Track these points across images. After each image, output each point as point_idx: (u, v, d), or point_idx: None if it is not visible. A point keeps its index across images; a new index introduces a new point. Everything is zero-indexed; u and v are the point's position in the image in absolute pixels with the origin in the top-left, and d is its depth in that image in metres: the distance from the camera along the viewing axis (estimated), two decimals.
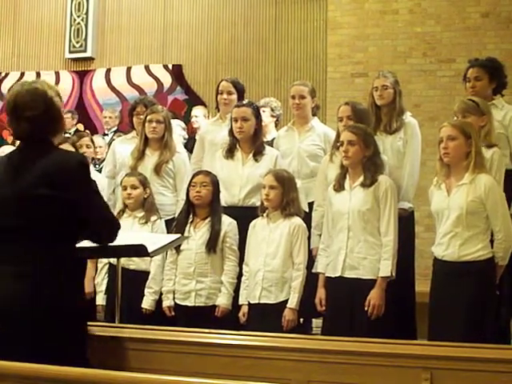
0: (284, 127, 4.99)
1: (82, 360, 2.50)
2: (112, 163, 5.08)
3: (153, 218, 4.35)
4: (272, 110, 5.58)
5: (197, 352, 2.84)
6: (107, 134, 7.61)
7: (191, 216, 4.22)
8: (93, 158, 5.52)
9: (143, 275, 4.26)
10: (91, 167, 5.15)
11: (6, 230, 2.58)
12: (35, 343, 2.46)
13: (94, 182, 2.70)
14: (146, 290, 4.24)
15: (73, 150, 4.62)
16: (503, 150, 4.05)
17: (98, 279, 4.43)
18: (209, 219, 4.16)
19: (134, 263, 4.24)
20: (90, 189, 2.64)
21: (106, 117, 7.90)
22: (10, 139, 8.74)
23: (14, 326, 2.48)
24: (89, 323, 2.75)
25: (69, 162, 2.61)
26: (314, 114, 4.81)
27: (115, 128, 7.73)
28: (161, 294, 4.22)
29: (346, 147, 3.84)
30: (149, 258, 4.17)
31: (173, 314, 4.14)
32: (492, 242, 3.56)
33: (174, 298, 4.16)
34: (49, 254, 2.55)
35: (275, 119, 5.63)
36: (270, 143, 4.88)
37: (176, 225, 4.25)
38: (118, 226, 2.79)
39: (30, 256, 2.53)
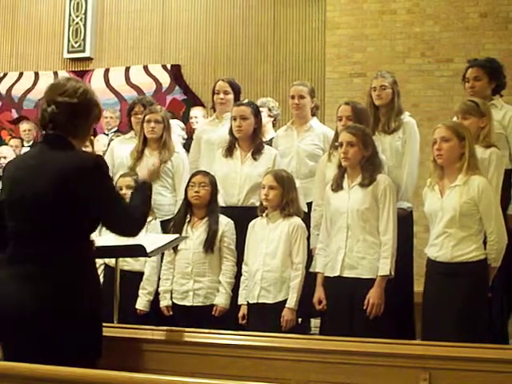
0: (283, 127, 5.00)
1: (91, 360, 2.50)
2: (110, 163, 5.04)
3: (148, 219, 4.33)
4: (269, 109, 5.58)
5: (195, 352, 2.85)
6: (107, 134, 7.61)
7: (189, 216, 4.22)
8: None
9: (137, 276, 4.25)
10: None
11: (20, 233, 2.59)
12: (45, 344, 2.46)
13: (109, 180, 2.69)
14: (140, 291, 4.24)
15: None
16: (502, 150, 4.05)
17: None
18: (206, 219, 4.16)
19: (128, 264, 4.23)
20: (104, 190, 2.62)
21: (106, 117, 7.89)
22: (8, 139, 8.73)
23: (24, 328, 2.48)
24: None
25: (84, 163, 2.59)
26: (313, 114, 4.82)
27: (116, 128, 7.72)
28: (158, 293, 4.22)
29: (345, 149, 3.83)
30: (143, 259, 4.17)
31: (171, 313, 4.14)
32: (485, 243, 3.55)
33: (171, 298, 4.16)
34: (59, 255, 2.55)
35: (273, 119, 5.63)
36: (269, 143, 4.88)
37: (173, 224, 4.25)
38: (137, 221, 2.76)
39: (40, 257, 2.53)
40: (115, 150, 5.12)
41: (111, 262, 4.24)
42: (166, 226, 4.41)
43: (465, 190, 3.52)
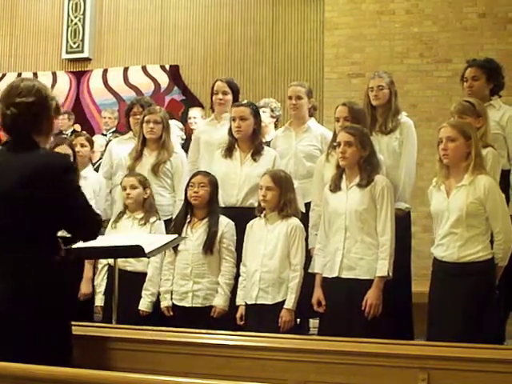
0: (281, 128, 4.99)
1: (64, 359, 2.50)
2: (108, 164, 5.08)
3: (152, 220, 4.34)
4: (272, 110, 5.58)
5: (192, 352, 2.84)
6: (106, 135, 7.61)
7: (189, 216, 4.22)
8: (90, 158, 5.51)
9: (140, 277, 4.25)
10: (90, 167, 5.19)
11: None
12: (17, 343, 2.46)
13: (76, 181, 2.71)
14: (143, 292, 4.23)
15: (70, 152, 4.59)
16: (500, 151, 4.05)
17: (97, 280, 4.42)
18: (206, 220, 4.16)
19: (131, 265, 4.23)
20: (71, 190, 2.64)
21: (105, 117, 7.90)
22: (4, 139, 8.73)
23: None
24: (84, 323, 2.75)
25: (51, 163, 2.62)
26: (310, 115, 4.81)
27: (114, 129, 7.72)
28: (158, 294, 4.22)
29: (343, 148, 3.83)
30: (146, 260, 4.16)
31: (171, 313, 4.13)
32: (492, 242, 3.54)
33: (171, 299, 4.15)
34: (30, 254, 2.55)
35: (275, 120, 5.63)
36: (270, 144, 4.87)
37: (174, 225, 4.25)
38: (98, 225, 2.81)
39: (11, 256, 2.54)
40: (113, 151, 5.12)
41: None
42: (165, 227, 4.41)
43: (471, 190, 3.51)
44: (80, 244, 3.24)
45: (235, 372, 2.72)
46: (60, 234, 2.75)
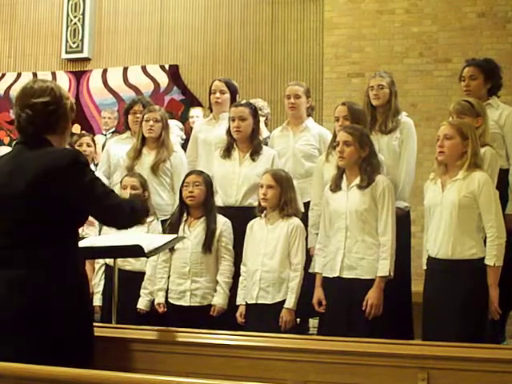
0: (279, 127, 5.00)
1: (82, 361, 2.49)
2: (107, 163, 5.08)
3: (149, 219, 4.34)
4: (260, 109, 5.58)
5: (192, 352, 2.85)
6: (105, 135, 7.61)
7: (185, 215, 4.21)
8: (92, 158, 5.52)
9: (138, 276, 4.26)
10: (91, 166, 5.19)
11: (2, 234, 2.57)
12: (32, 347, 2.44)
13: (91, 171, 2.67)
14: (142, 291, 4.24)
15: None
16: (498, 150, 4.05)
17: (94, 280, 4.42)
18: (203, 218, 4.15)
19: (130, 264, 4.24)
20: (85, 183, 2.59)
21: (105, 117, 7.90)
22: (6, 140, 8.73)
23: (9, 330, 2.47)
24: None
25: (61, 159, 2.57)
26: (308, 115, 4.82)
27: (113, 129, 7.72)
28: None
29: (341, 148, 3.83)
30: (144, 259, 4.17)
31: (164, 310, 4.11)
32: (485, 242, 3.53)
33: (166, 297, 4.13)
34: (42, 257, 2.53)
35: (264, 118, 5.63)
36: (265, 142, 4.88)
37: (169, 224, 4.24)
38: (127, 209, 2.71)
39: (23, 260, 2.52)
40: (111, 150, 5.12)
41: (112, 262, 4.24)
42: (164, 226, 4.41)
43: (465, 184, 3.51)
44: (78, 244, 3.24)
45: (236, 372, 2.72)
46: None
